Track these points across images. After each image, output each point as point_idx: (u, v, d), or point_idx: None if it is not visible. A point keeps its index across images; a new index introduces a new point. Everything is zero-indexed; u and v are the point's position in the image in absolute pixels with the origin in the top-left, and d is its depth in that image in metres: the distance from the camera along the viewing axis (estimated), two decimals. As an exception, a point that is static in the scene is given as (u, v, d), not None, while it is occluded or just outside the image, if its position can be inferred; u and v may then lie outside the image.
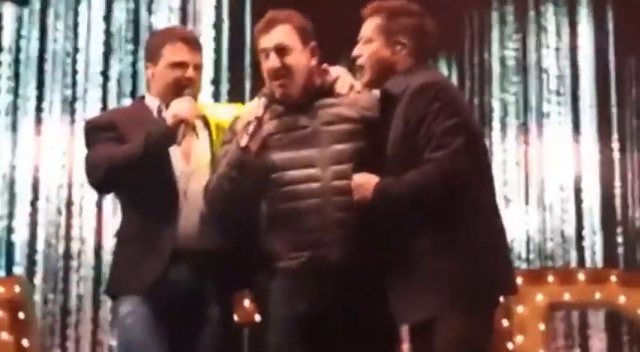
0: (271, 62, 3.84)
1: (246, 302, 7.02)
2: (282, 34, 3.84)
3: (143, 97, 4.20)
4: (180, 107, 3.88)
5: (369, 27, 3.79)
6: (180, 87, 3.98)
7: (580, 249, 9.62)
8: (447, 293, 3.52)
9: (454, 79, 9.58)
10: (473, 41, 9.78)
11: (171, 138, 3.86)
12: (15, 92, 9.82)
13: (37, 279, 9.56)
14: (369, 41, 3.77)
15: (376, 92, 3.84)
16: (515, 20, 9.82)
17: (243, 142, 3.72)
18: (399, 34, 3.74)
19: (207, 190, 3.92)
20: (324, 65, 3.97)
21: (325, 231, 3.74)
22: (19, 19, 9.94)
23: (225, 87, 9.71)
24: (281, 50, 3.83)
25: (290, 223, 3.78)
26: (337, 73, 3.96)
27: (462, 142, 3.53)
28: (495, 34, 9.82)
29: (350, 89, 3.87)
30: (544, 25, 9.81)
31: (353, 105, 3.84)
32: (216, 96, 9.39)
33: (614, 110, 9.78)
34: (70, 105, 9.79)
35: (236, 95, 9.28)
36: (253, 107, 3.82)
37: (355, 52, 3.81)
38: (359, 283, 3.75)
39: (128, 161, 3.87)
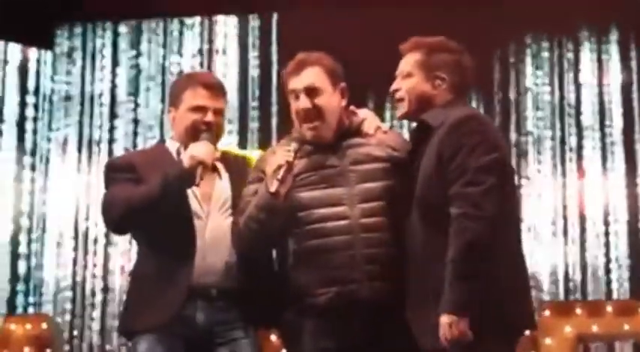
0: (302, 103, 3.88)
1: (273, 338, 7.06)
2: (313, 75, 3.89)
3: (164, 141, 4.28)
4: (197, 149, 3.91)
5: (409, 62, 3.84)
6: (199, 130, 4.03)
7: (608, 283, 9.60)
8: (472, 320, 3.51)
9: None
10: (504, 77, 9.83)
11: (188, 179, 3.88)
12: (43, 131, 10.01)
13: (66, 316, 9.70)
14: (409, 75, 3.82)
15: (402, 132, 3.98)
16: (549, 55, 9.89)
17: (273, 188, 3.74)
18: (438, 69, 3.80)
19: (234, 231, 3.94)
20: (352, 107, 4.03)
21: (353, 268, 3.77)
22: (45, 63, 10.14)
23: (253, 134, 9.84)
24: (311, 91, 3.88)
25: (318, 260, 3.81)
26: (364, 114, 4.03)
27: (494, 182, 3.54)
28: (528, 70, 9.88)
29: (376, 130, 3.93)
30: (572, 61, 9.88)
31: (380, 144, 3.90)
32: (243, 144, 9.52)
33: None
34: (97, 145, 9.96)
35: (263, 142, 9.45)
36: (283, 151, 3.84)
37: (394, 86, 3.86)
38: (385, 319, 3.78)
39: (145, 202, 3.89)
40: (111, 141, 9.93)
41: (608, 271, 9.69)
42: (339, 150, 3.90)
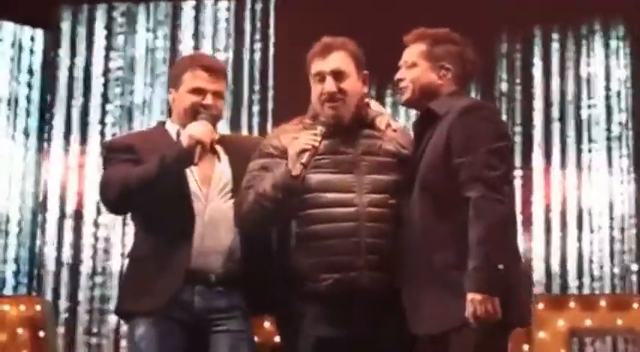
0: (328, 86, 3.89)
1: (266, 324, 7.05)
2: (339, 59, 3.92)
3: (164, 122, 4.24)
4: (195, 129, 3.89)
5: (413, 52, 3.87)
6: (197, 112, 4.02)
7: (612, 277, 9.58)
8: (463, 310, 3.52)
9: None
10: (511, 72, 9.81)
11: (186, 159, 3.86)
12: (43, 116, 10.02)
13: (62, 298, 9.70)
14: (413, 65, 3.85)
15: (411, 133, 3.95)
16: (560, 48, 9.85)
17: (296, 171, 3.75)
18: (443, 59, 3.84)
19: (240, 209, 3.92)
20: (366, 99, 4.07)
21: (356, 255, 3.78)
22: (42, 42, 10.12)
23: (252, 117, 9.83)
24: (338, 75, 3.90)
25: (320, 245, 3.81)
26: (378, 109, 4.08)
27: (506, 169, 3.61)
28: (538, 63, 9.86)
29: (387, 126, 3.97)
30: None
31: (392, 140, 3.93)
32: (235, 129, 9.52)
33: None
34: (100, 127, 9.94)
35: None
36: (309, 134, 3.83)
37: (398, 75, 3.89)
38: (384, 309, 3.79)
39: (142, 182, 3.87)
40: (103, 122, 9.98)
41: (602, 265, 9.70)
42: (352, 138, 3.92)
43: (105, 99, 9.96)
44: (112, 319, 9.47)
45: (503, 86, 9.80)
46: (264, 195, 3.82)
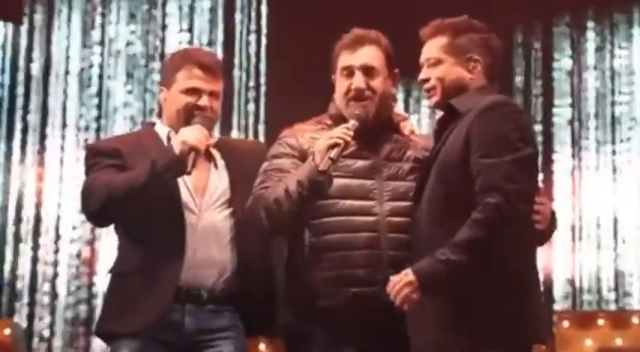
0: (357, 82, 3.73)
1: (262, 345, 7.03)
2: (371, 54, 3.77)
3: (153, 124, 4.06)
4: (188, 134, 3.70)
5: (435, 47, 3.65)
6: (191, 114, 3.82)
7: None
8: (479, 328, 3.37)
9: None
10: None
11: (178, 168, 3.66)
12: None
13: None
14: (438, 62, 3.64)
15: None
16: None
17: (324, 166, 3.56)
18: (470, 50, 3.64)
19: (253, 213, 3.70)
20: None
21: (378, 268, 3.60)
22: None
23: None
24: (367, 71, 3.74)
25: (338, 256, 3.64)
26: (402, 114, 3.98)
27: (527, 184, 3.40)
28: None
29: (411, 132, 3.86)
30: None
31: (416, 146, 3.81)
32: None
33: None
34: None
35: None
36: (340, 128, 3.64)
37: (422, 75, 3.68)
38: (402, 327, 3.55)
39: (129, 189, 3.66)
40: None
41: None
42: (375, 142, 3.76)
43: (80, 98, 9.71)
44: (96, 342, 9.21)
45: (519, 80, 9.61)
46: (287, 193, 3.64)
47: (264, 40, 9.50)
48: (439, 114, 3.87)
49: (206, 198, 3.85)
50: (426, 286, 3.40)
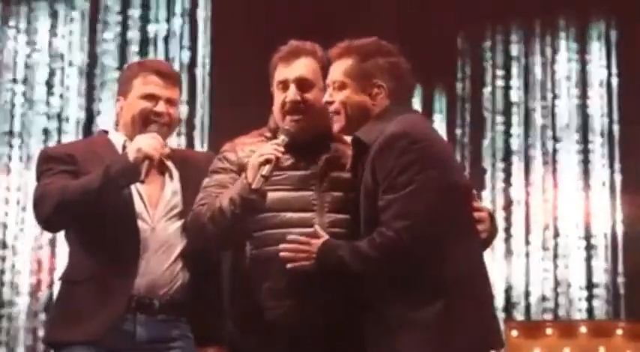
0: (290, 95, 3.71)
1: None
2: (305, 66, 3.75)
3: (106, 132, 4.02)
4: (144, 142, 3.66)
5: (340, 70, 3.62)
6: (148, 121, 3.81)
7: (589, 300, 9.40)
8: (435, 347, 3.37)
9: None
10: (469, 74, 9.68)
11: (132, 174, 3.62)
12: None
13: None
14: (342, 86, 3.61)
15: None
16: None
17: (257, 184, 3.54)
18: (375, 75, 3.59)
19: (192, 228, 3.74)
20: None
21: (314, 281, 3.57)
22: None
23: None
24: (302, 83, 3.72)
25: (277, 267, 3.58)
26: None
27: (425, 208, 3.38)
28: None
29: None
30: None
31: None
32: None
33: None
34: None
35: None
36: (271, 145, 3.63)
37: (326, 97, 3.65)
38: (339, 340, 3.61)
39: (83, 195, 3.63)
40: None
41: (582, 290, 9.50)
42: (314, 153, 3.73)
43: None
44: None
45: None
46: (221, 211, 3.62)
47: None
48: None
49: (159, 210, 3.81)
50: (321, 263, 3.47)
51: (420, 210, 3.36)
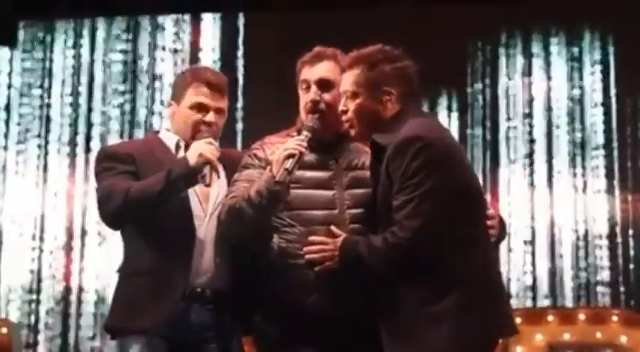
0: (312, 95, 3.86)
1: None
2: (327, 69, 3.88)
3: (157, 132, 4.21)
4: (205, 148, 3.85)
5: (350, 80, 3.74)
6: (199, 130, 3.99)
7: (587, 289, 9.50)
8: (448, 338, 3.47)
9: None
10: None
11: (193, 178, 3.82)
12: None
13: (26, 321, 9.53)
14: (354, 96, 3.72)
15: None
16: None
17: (281, 177, 3.66)
18: (383, 82, 3.70)
19: (222, 219, 3.87)
20: None
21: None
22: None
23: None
24: (323, 84, 3.86)
25: (302, 263, 3.74)
26: None
27: (437, 208, 3.48)
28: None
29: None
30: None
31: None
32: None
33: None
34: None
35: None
36: (295, 140, 3.76)
37: (341, 107, 3.77)
38: (362, 333, 3.72)
39: (145, 197, 3.81)
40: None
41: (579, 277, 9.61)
42: (333, 152, 3.88)
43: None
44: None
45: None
46: (249, 202, 3.73)
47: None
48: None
49: (209, 206, 3.98)
50: (343, 260, 3.63)
51: (431, 210, 3.46)
